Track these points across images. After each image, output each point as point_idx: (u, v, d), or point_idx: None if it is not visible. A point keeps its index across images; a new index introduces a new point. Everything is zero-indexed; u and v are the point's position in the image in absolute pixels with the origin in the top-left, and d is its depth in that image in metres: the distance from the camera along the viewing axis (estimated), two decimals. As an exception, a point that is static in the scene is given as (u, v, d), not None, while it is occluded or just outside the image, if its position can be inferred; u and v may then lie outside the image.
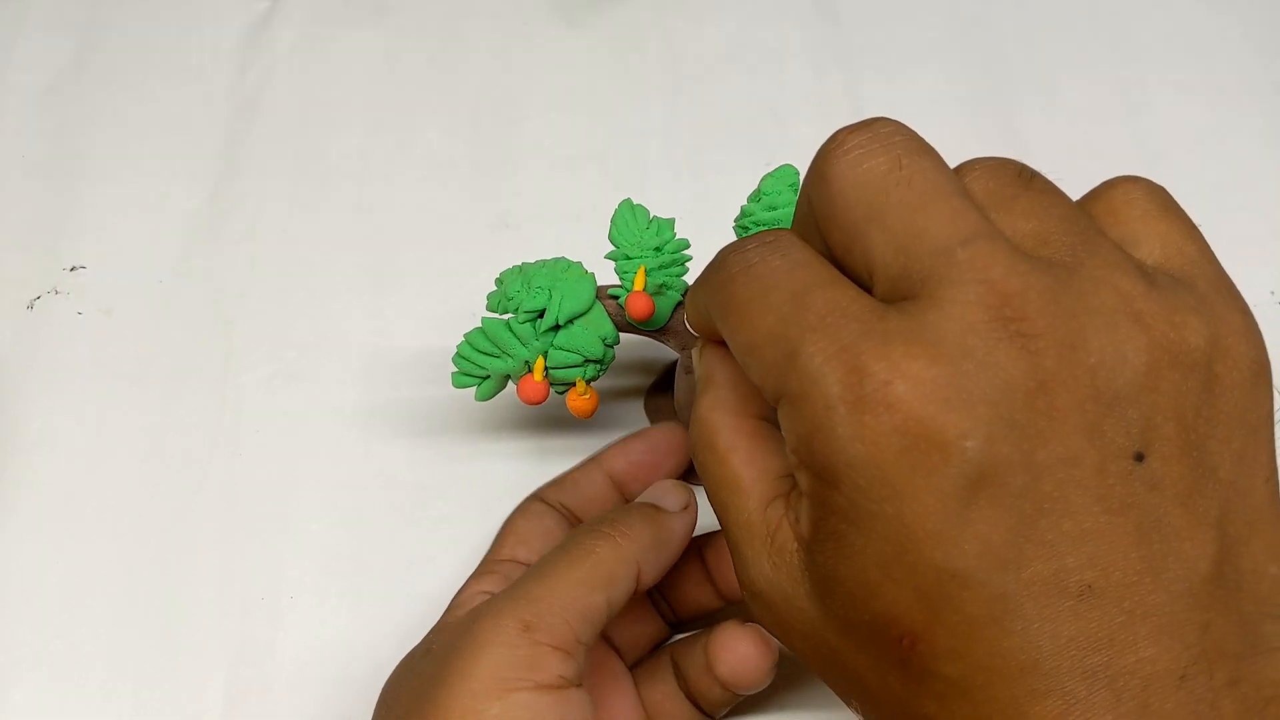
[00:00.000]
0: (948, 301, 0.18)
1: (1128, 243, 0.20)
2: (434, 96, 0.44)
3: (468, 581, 0.30)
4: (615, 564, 0.26)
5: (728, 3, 0.47)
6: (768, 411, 0.24)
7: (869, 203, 0.19)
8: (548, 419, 0.37)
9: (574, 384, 0.30)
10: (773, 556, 0.21)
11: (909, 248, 0.19)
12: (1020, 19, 0.46)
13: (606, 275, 0.30)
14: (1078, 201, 0.21)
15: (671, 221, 0.30)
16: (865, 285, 0.20)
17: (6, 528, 0.35)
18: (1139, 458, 0.18)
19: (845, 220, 0.20)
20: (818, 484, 0.19)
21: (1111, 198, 0.21)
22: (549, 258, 0.31)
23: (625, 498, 0.32)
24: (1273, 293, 0.40)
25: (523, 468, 0.36)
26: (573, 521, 0.31)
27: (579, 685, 0.25)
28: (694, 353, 0.26)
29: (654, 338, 0.31)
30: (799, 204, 0.22)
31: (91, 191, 0.42)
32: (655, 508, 0.28)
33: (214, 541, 0.35)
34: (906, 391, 0.17)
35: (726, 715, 0.31)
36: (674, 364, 0.35)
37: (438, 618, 0.29)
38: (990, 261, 0.18)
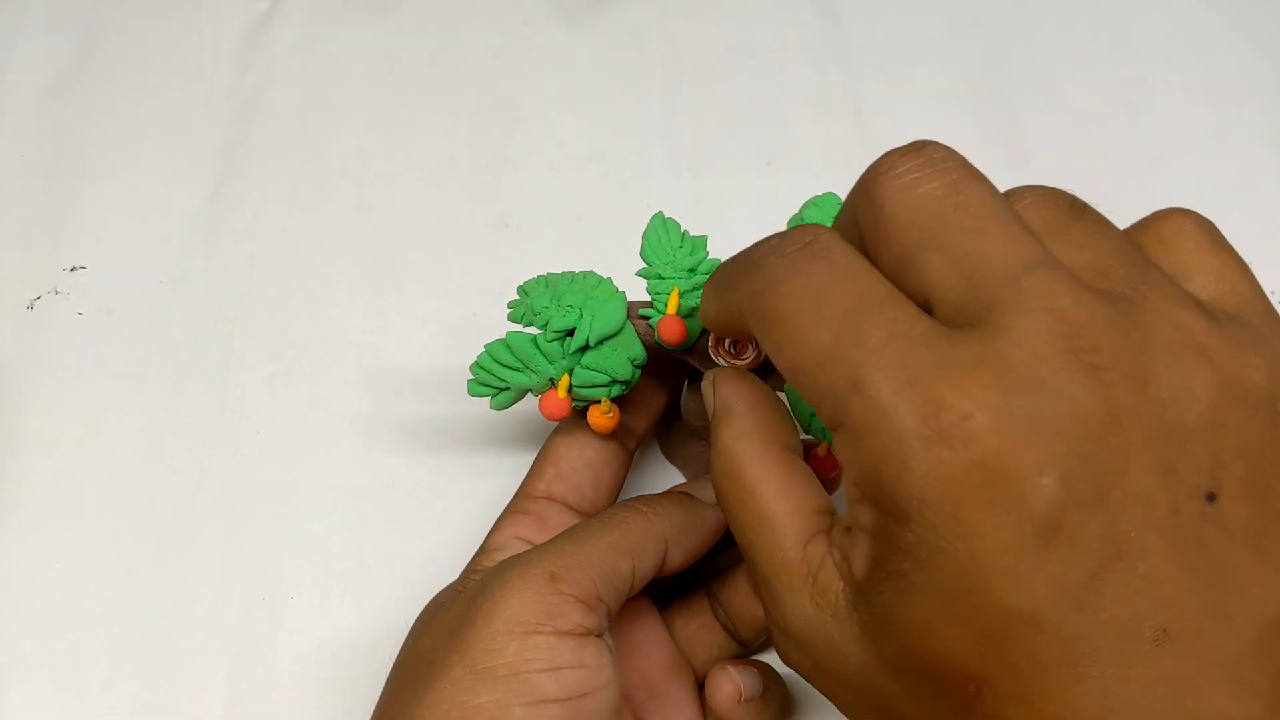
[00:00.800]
0: (1016, 330, 0.18)
1: (1179, 276, 0.20)
2: (434, 96, 0.44)
3: (502, 520, 0.30)
4: (644, 537, 0.27)
5: (728, 3, 0.47)
6: (793, 442, 0.23)
7: (925, 226, 0.19)
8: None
9: (597, 401, 0.30)
10: (815, 597, 0.20)
11: (971, 273, 0.18)
12: (1020, 19, 0.46)
13: (620, 281, 0.30)
14: (1124, 232, 0.21)
15: (704, 239, 0.29)
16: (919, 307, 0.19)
17: (6, 528, 0.35)
18: (1210, 498, 0.17)
19: (899, 242, 0.19)
20: (884, 519, 0.18)
21: (1162, 229, 0.21)
22: (577, 271, 0.30)
23: None
24: (1273, 292, 0.40)
25: (524, 468, 0.35)
26: (622, 442, 0.32)
27: (599, 636, 0.25)
28: (706, 382, 0.25)
29: (680, 357, 0.30)
30: (842, 221, 0.22)
31: (91, 191, 0.42)
32: (690, 496, 0.29)
33: (214, 541, 0.35)
34: (984, 424, 0.17)
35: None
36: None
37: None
38: (1056, 290, 0.18)
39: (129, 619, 0.34)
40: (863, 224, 0.20)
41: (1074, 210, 0.20)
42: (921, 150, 0.20)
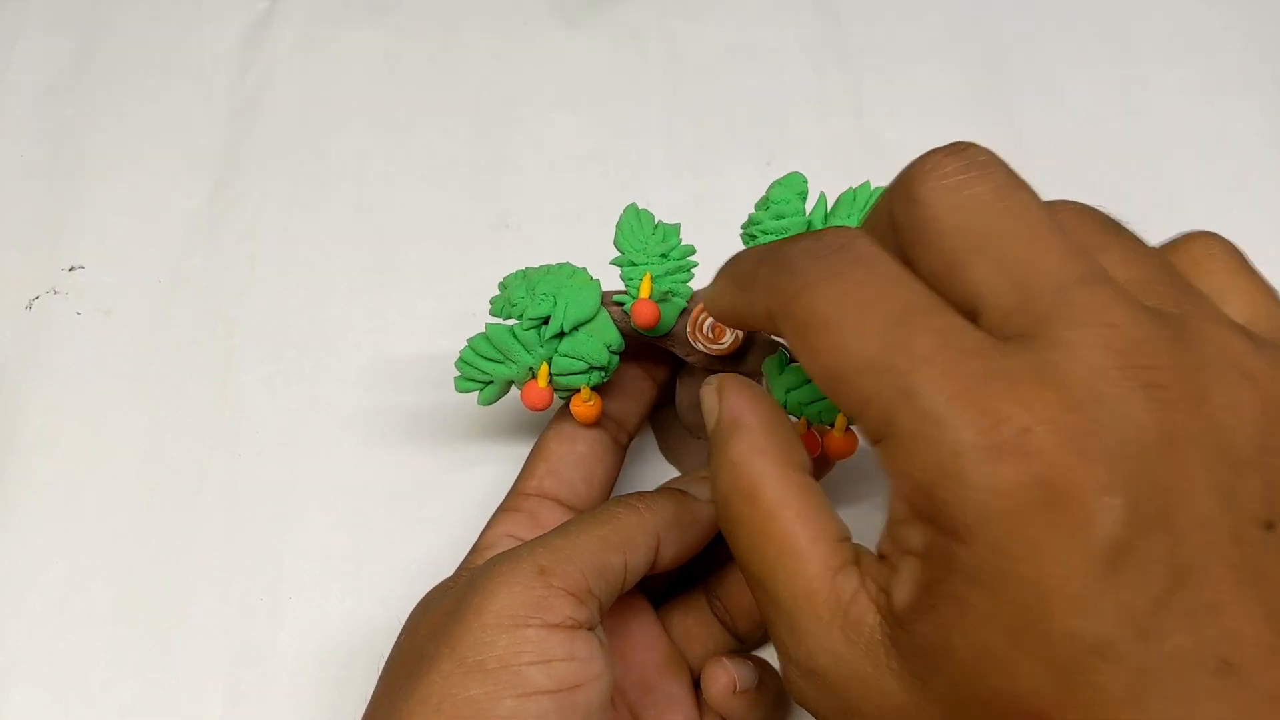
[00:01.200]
0: (1071, 343, 0.17)
1: (1214, 298, 0.19)
2: (434, 96, 0.44)
3: (494, 519, 0.30)
4: (635, 531, 0.27)
5: (728, 3, 0.47)
6: (808, 463, 0.22)
7: (973, 231, 0.18)
8: (548, 417, 0.37)
9: (578, 390, 0.30)
10: (846, 631, 0.19)
11: (1023, 282, 0.18)
12: (1020, 19, 0.46)
13: (611, 279, 0.30)
14: (1158, 250, 0.20)
15: (677, 227, 0.30)
16: (962, 314, 0.19)
17: (6, 528, 0.35)
18: (1269, 526, 0.17)
19: (943, 246, 0.19)
20: (938, 538, 0.17)
21: (1192, 250, 0.20)
22: (553, 263, 0.31)
23: None
24: (1273, 293, 0.40)
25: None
26: (614, 436, 0.32)
27: (590, 629, 0.25)
28: (707, 390, 0.24)
29: (658, 343, 0.31)
30: (874, 219, 0.21)
31: (91, 191, 0.42)
32: (683, 492, 0.29)
33: (214, 541, 0.35)
34: (1045, 438, 0.16)
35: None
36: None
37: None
38: (1111, 305, 0.17)
39: (129, 619, 0.34)
40: (901, 225, 0.19)
41: (1111, 227, 0.20)
42: (965, 151, 0.19)
